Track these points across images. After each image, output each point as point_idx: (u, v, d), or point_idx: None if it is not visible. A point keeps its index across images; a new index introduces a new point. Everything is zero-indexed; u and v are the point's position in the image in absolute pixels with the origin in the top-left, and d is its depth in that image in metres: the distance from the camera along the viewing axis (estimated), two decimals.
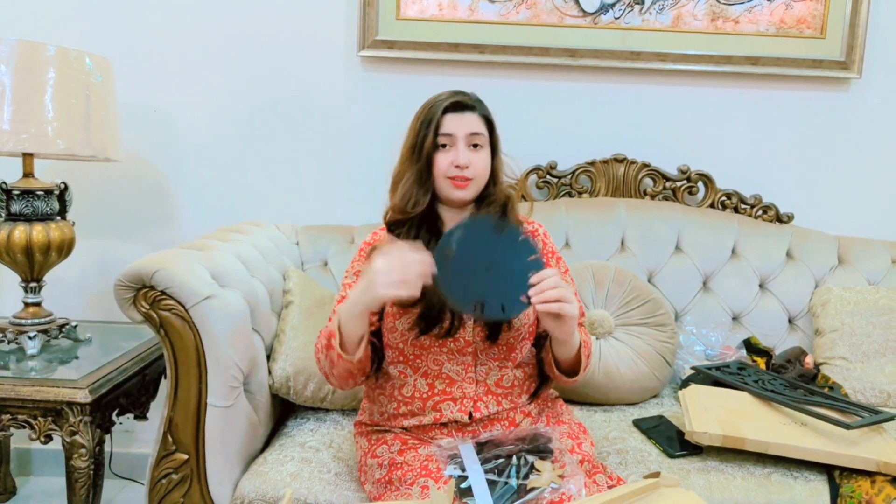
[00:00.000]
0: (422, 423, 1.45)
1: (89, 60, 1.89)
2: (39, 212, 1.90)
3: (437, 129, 1.43)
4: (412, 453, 1.39)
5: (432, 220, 1.49)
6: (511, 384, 1.48)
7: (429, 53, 2.25)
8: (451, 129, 1.43)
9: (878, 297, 2.09)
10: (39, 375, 1.72)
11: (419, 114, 1.48)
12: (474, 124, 1.45)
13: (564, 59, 2.25)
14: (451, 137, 1.43)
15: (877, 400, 1.95)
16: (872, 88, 2.31)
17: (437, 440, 1.44)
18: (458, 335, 1.43)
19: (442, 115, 1.43)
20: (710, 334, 2.10)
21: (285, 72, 2.31)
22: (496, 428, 1.45)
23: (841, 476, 1.54)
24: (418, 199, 1.45)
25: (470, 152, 1.44)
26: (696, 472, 1.56)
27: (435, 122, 1.43)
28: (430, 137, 1.43)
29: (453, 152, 1.43)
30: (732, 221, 2.26)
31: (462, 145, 1.43)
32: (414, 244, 1.32)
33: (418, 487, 1.30)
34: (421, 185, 1.45)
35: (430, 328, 1.41)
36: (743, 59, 2.25)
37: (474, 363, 1.45)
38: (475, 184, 1.45)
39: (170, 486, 1.53)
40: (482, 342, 1.44)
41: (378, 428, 1.52)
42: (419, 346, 1.44)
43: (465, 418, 1.44)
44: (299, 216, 2.32)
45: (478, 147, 1.45)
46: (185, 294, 1.49)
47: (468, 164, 1.42)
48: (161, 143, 2.34)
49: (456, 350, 1.44)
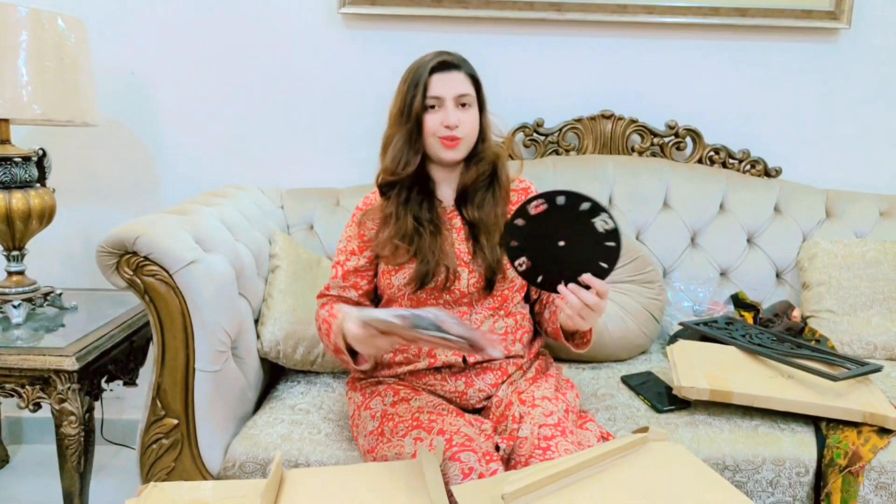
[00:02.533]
0: (416, 369, 1.49)
1: (62, 22, 1.84)
2: (18, 179, 1.86)
3: (424, 91, 1.45)
4: (404, 405, 1.42)
5: (423, 180, 1.52)
6: (504, 331, 1.52)
7: (411, 9, 2.20)
8: (438, 90, 1.45)
9: (866, 250, 2.09)
10: (26, 344, 1.70)
11: (405, 76, 1.49)
12: (462, 84, 1.47)
13: (550, 14, 2.21)
14: (439, 99, 1.45)
15: (863, 352, 1.97)
16: (861, 39, 2.28)
17: (429, 383, 1.48)
18: (454, 288, 1.47)
19: (429, 75, 1.45)
20: (698, 290, 2.11)
21: (266, 31, 2.26)
22: (489, 376, 1.49)
23: (828, 427, 1.55)
24: (408, 159, 1.47)
25: (458, 112, 1.46)
26: (685, 426, 1.58)
27: (423, 83, 1.45)
28: (419, 98, 1.44)
29: (442, 112, 1.45)
30: (720, 176, 2.25)
31: (450, 105, 1.45)
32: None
33: (410, 439, 1.32)
34: (411, 147, 1.47)
35: (425, 284, 1.45)
36: (731, 11, 2.22)
37: (469, 312, 1.50)
38: (464, 143, 1.48)
39: (161, 451, 1.53)
40: (478, 293, 1.49)
41: (371, 380, 1.55)
42: (416, 299, 1.48)
43: (459, 361, 1.48)
44: (283, 179, 2.29)
45: (466, 106, 1.47)
46: (168, 259, 1.48)
47: (458, 124, 1.45)
48: (140, 107, 2.29)
49: (452, 301, 1.49)
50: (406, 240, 1.46)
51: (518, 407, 1.38)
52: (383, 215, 1.51)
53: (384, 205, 1.52)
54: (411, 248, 1.46)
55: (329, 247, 2.11)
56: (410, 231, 1.46)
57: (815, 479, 1.51)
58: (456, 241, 1.51)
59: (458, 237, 1.51)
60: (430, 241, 1.46)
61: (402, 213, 1.48)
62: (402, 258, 1.47)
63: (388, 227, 1.49)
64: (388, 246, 1.47)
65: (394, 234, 1.47)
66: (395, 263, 1.48)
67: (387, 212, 1.50)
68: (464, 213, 1.52)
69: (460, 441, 1.26)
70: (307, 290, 1.86)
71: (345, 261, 1.55)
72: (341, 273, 1.55)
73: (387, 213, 1.50)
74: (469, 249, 1.49)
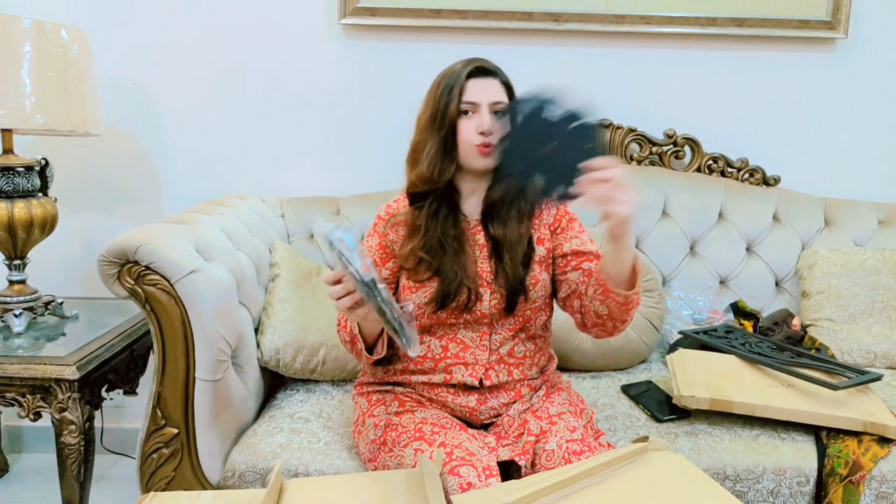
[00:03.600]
0: (431, 381, 1.47)
1: (65, 33, 1.85)
2: (20, 188, 1.87)
3: (460, 95, 1.40)
4: (409, 416, 1.41)
5: (449, 193, 1.47)
6: (523, 355, 1.49)
7: (411, 20, 2.22)
8: (474, 95, 1.40)
9: (865, 259, 2.10)
10: (27, 353, 1.71)
11: (438, 81, 1.44)
12: (497, 91, 1.42)
13: (548, 24, 2.22)
14: (474, 105, 1.40)
15: (863, 360, 1.97)
16: (858, 48, 2.29)
17: (440, 395, 1.47)
18: (475, 309, 1.43)
19: (465, 80, 1.40)
20: (698, 298, 2.11)
21: (266, 41, 2.27)
22: (502, 396, 1.47)
23: (828, 436, 1.55)
24: (444, 167, 1.42)
25: (493, 119, 1.40)
26: (685, 435, 1.58)
27: (459, 87, 1.40)
28: (455, 103, 1.40)
29: (477, 118, 1.40)
30: (719, 185, 2.25)
31: (486, 111, 1.39)
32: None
33: (412, 450, 1.32)
34: (446, 154, 1.42)
35: (446, 305, 1.42)
36: (728, 21, 2.23)
37: (489, 332, 1.47)
38: None
39: (160, 461, 1.53)
40: (499, 314, 1.45)
41: (380, 387, 1.54)
42: (436, 319, 1.45)
43: (475, 383, 1.45)
44: (284, 188, 2.30)
45: (499, 114, 1.41)
46: (169, 268, 1.48)
47: (493, 130, 1.38)
48: (142, 117, 2.30)
49: (472, 321, 1.46)
50: (430, 254, 1.41)
51: (536, 423, 1.37)
52: (411, 226, 1.46)
53: (413, 215, 1.47)
54: (433, 263, 1.41)
55: (329, 256, 2.11)
56: (435, 245, 1.42)
57: (816, 488, 1.51)
58: (479, 260, 1.46)
59: (480, 255, 1.46)
60: (454, 258, 1.41)
61: (431, 225, 1.43)
62: (423, 275, 1.42)
63: (415, 239, 1.44)
64: (412, 259, 1.43)
65: (419, 246, 1.42)
66: (417, 279, 1.43)
67: (416, 223, 1.45)
68: (488, 230, 1.47)
69: (461, 455, 1.26)
70: (307, 298, 1.86)
71: None
72: None
73: (416, 225, 1.45)
74: (491, 269, 1.45)
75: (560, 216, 1.52)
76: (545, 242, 1.49)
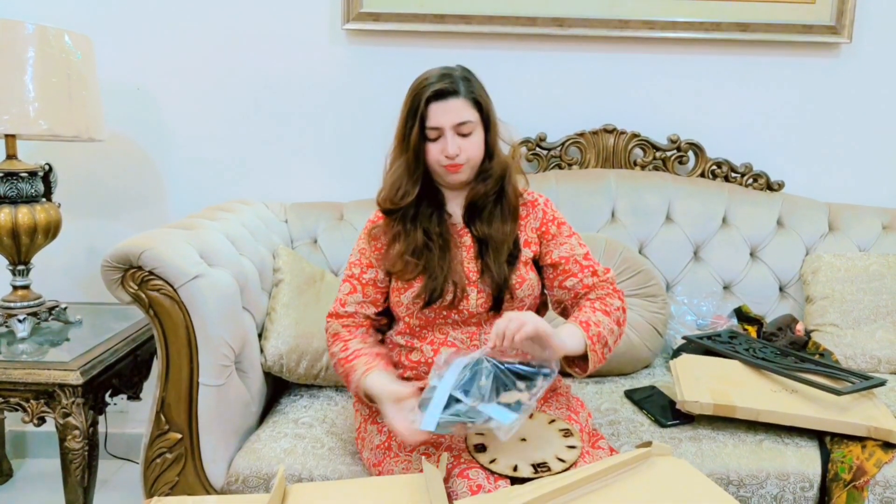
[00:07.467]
0: (426, 386, 1.46)
1: (69, 38, 1.86)
2: (24, 194, 1.88)
3: (423, 121, 1.39)
4: None
5: (433, 193, 1.49)
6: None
7: (414, 25, 2.22)
8: (436, 121, 1.38)
9: (869, 264, 2.09)
10: (30, 358, 1.71)
11: (406, 99, 1.43)
12: (460, 112, 1.39)
13: (552, 29, 2.23)
14: (437, 129, 1.39)
15: (867, 366, 1.96)
16: (863, 53, 2.29)
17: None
18: (462, 307, 1.44)
19: (426, 106, 1.38)
20: (702, 304, 2.11)
21: (270, 47, 2.27)
22: None
23: (832, 442, 1.55)
24: (407, 189, 1.44)
25: (459, 140, 1.40)
26: (688, 440, 1.57)
27: (419, 113, 1.38)
28: (416, 130, 1.39)
29: (442, 142, 1.40)
30: (723, 190, 2.25)
31: (450, 135, 1.39)
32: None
33: (418, 454, 1.32)
34: (410, 176, 1.44)
35: (433, 301, 1.42)
36: (732, 26, 2.23)
37: (479, 331, 1.47)
38: (468, 166, 1.43)
39: (164, 466, 1.53)
40: (486, 313, 1.46)
41: None
42: (425, 318, 1.46)
43: None
44: (287, 193, 2.30)
45: (468, 134, 1.41)
46: (173, 274, 1.48)
47: (457, 153, 1.39)
48: (145, 122, 2.31)
49: (461, 321, 1.47)
50: (416, 254, 1.43)
51: None
52: (391, 235, 1.48)
53: (389, 225, 1.49)
54: (420, 263, 1.43)
55: (333, 261, 2.11)
56: (420, 245, 1.43)
57: (820, 493, 1.50)
58: (465, 260, 1.47)
59: (466, 255, 1.47)
60: (439, 256, 1.43)
61: (410, 228, 1.45)
62: (411, 274, 1.44)
63: (397, 245, 1.45)
64: (399, 262, 1.44)
65: (403, 250, 1.44)
66: (405, 279, 1.45)
67: (395, 231, 1.47)
68: (473, 230, 1.48)
69: (468, 458, 1.27)
70: (311, 304, 1.86)
71: (360, 273, 1.50)
72: (360, 287, 1.50)
73: (395, 233, 1.47)
74: (477, 268, 1.46)
75: (547, 220, 1.53)
76: (531, 245, 1.50)
